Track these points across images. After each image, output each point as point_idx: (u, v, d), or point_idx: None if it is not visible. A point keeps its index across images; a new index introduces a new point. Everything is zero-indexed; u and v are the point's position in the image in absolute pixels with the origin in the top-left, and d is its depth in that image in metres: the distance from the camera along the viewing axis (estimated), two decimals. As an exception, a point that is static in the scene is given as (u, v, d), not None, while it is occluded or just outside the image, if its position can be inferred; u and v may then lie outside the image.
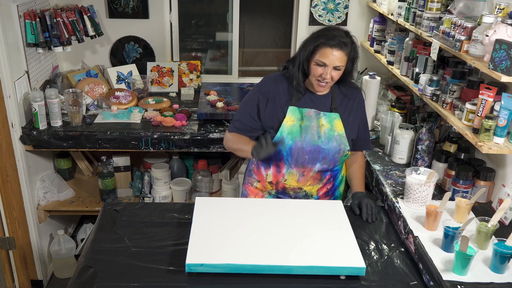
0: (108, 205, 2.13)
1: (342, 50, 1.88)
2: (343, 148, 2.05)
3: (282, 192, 2.14)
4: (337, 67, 1.90)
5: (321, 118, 2.02)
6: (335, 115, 2.04)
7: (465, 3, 2.13)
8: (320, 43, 1.90)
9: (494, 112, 1.85)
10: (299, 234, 1.79)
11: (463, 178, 2.02)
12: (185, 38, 3.72)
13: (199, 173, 3.10)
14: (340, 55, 1.88)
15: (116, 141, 2.76)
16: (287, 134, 2.00)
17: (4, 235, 2.79)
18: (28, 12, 2.73)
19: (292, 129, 2.00)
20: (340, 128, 2.04)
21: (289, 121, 2.01)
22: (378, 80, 2.65)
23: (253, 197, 2.20)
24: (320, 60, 1.90)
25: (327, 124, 2.02)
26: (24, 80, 2.75)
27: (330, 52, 1.88)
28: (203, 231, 1.77)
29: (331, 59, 1.89)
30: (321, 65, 1.91)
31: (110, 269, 1.69)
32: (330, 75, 1.91)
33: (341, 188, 2.22)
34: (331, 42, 1.88)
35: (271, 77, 2.09)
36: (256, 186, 2.19)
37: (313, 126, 2.01)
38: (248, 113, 2.08)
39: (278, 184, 2.12)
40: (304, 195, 2.13)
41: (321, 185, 2.12)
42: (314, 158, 2.03)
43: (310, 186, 2.11)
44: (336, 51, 1.88)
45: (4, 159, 2.64)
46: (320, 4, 3.38)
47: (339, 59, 1.89)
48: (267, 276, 1.63)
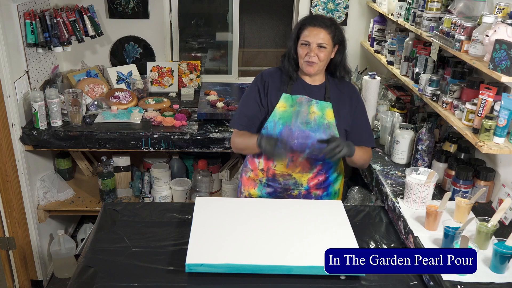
0: (108, 205, 2.13)
1: (323, 29, 1.97)
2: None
3: (272, 180, 2.15)
4: (320, 44, 1.96)
5: (312, 105, 2.06)
6: (327, 104, 2.07)
7: (465, 3, 2.13)
8: (302, 25, 2.01)
9: (494, 112, 1.85)
10: (299, 234, 1.79)
11: (463, 178, 2.02)
12: (185, 38, 3.72)
13: (199, 173, 3.10)
14: (322, 33, 1.96)
15: (116, 141, 2.76)
16: (279, 119, 2.05)
17: (4, 235, 2.79)
18: (28, 12, 2.73)
19: (283, 114, 2.06)
20: (330, 117, 2.06)
21: (282, 107, 2.07)
22: (378, 80, 2.65)
23: (246, 187, 2.23)
24: (304, 40, 1.98)
25: (318, 111, 2.06)
26: (24, 80, 2.75)
27: (311, 31, 1.97)
28: (203, 231, 1.78)
29: (314, 37, 1.96)
30: (305, 44, 1.98)
31: (110, 269, 1.70)
32: (315, 53, 1.97)
33: (336, 186, 2.21)
34: (313, 22, 1.99)
35: (267, 70, 2.17)
36: (249, 176, 2.22)
37: (303, 112, 2.05)
38: (252, 100, 2.12)
39: (268, 170, 2.14)
40: (293, 182, 2.13)
41: (311, 174, 2.12)
42: (303, 143, 2.06)
43: (300, 174, 2.12)
44: (317, 29, 1.97)
45: (4, 159, 2.64)
46: (320, 4, 3.38)
47: (322, 37, 1.96)
48: (267, 276, 1.63)
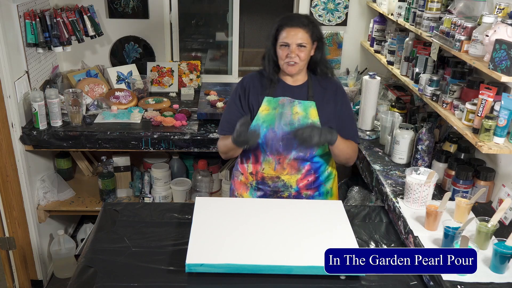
0: (108, 205, 2.13)
1: (301, 28, 1.96)
2: None
3: (262, 183, 2.15)
4: (300, 44, 1.96)
5: (295, 106, 2.06)
6: (310, 103, 2.07)
7: (465, 3, 2.13)
8: (279, 26, 1.99)
9: (494, 112, 1.85)
10: (299, 234, 1.79)
11: (463, 178, 2.02)
12: (185, 38, 3.72)
13: (199, 173, 3.10)
14: (300, 33, 1.96)
15: (116, 141, 2.76)
16: (262, 122, 2.05)
17: (4, 235, 2.79)
18: (28, 12, 2.73)
19: (267, 117, 2.05)
20: (314, 116, 2.06)
21: (264, 110, 2.07)
22: (378, 80, 2.65)
23: (239, 191, 2.23)
24: (283, 41, 1.97)
25: (302, 111, 2.05)
26: (24, 80, 2.75)
27: (289, 31, 1.96)
28: (203, 231, 1.78)
29: (293, 38, 1.95)
30: (285, 46, 1.97)
31: (110, 269, 1.69)
32: (296, 54, 1.97)
33: (328, 185, 2.20)
34: (290, 22, 1.97)
35: (248, 75, 2.17)
36: (240, 180, 2.22)
37: (287, 113, 2.05)
38: (233, 106, 2.13)
39: (257, 174, 2.14)
40: (282, 185, 2.12)
41: (300, 175, 2.12)
42: (288, 145, 2.05)
43: (288, 176, 2.11)
44: (295, 29, 1.96)
45: (4, 159, 2.64)
46: (320, 4, 3.38)
47: (301, 36, 1.95)
48: (267, 276, 1.63)
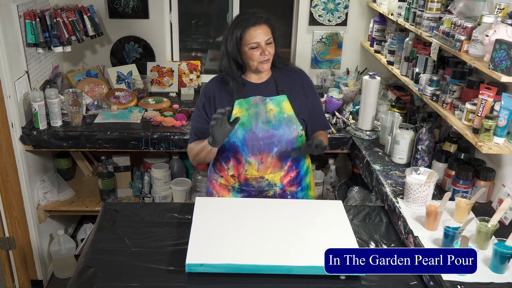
0: (108, 205, 2.13)
1: (263, 24, 1.96)
2: (296, 128, 2.05)
3: (245, 184, 2.12)
4: (267, 40, 1.97)
5: (267, 103, 2.05)
6: (282, 97, 2.06)
7: (465, 3, 2.13)
8: (241, 30, 1.95)
9: (494, 112, 1.85)
10: (299, 234, 1.79)
11: (463, 178, 2.02)
12: (185, 38, 3.72)
13: (199, 173, 3.10)
14: (263, 29, 1.95)
15: (116, 141, 2.76)
16: (238, 125, 2.01)
17: (4, 235, 2.79)
18: (28, 12, 2.73)
19: (242, 119, 2.02)
20: (289, 109, 2.06)
21: (238, 113, 2.03)
22: (378, 80, 2.65)
23: (220, 193, 2.17)
24: (252, 42, 1.95)
25: (276, 107, 2.05)
26: (24, 80, 2.74)
27: (254, 31, 1.94)
28: (203, 231, 1.78)
29: (260, 36, 1.95)
30: (255, 47, 1.96)
31: (110, 269, 1.70)
32: (267, 51, 1.97)
33: (307, 179, 2.21)
34: (250, 22, 1.95)
35: (209, 82, 2.13)
36: (220, 182, 2.17)
37: (261, 111, 2.04)
38: (199, 117, 2.09)
39: (240, 176, 2.11)
40: (267, 184, 2.11)
41: (283, 172, 2.11)
42: (269, 143, 2.04)
43: (272, 174, 2.10)
44: (259, 27, 1.95)
45: (4, 159, 2.64)
46: (320, 4, 3.38)
47: (265, 32, 1.96)
48: (267, 276, 1.63)
